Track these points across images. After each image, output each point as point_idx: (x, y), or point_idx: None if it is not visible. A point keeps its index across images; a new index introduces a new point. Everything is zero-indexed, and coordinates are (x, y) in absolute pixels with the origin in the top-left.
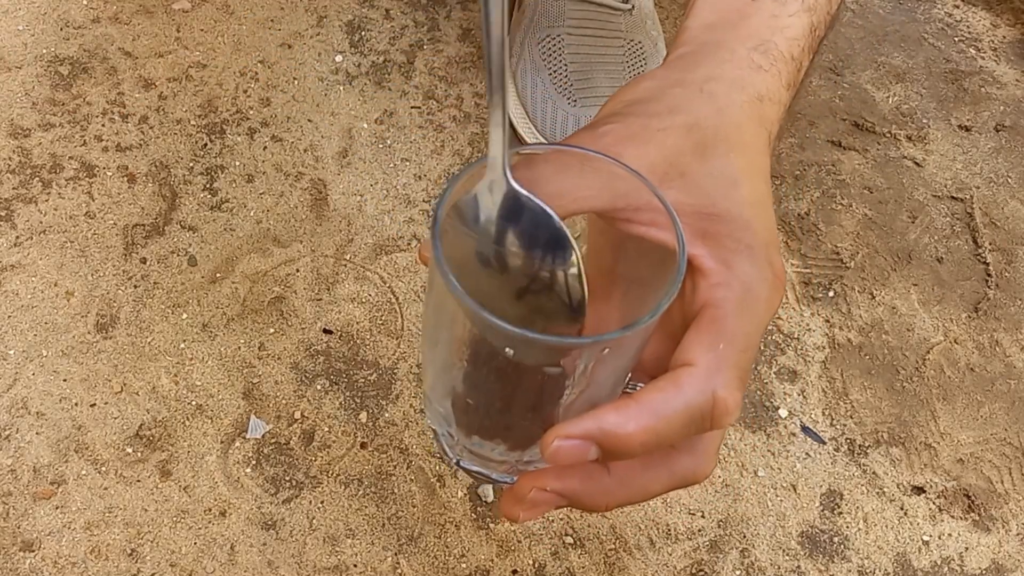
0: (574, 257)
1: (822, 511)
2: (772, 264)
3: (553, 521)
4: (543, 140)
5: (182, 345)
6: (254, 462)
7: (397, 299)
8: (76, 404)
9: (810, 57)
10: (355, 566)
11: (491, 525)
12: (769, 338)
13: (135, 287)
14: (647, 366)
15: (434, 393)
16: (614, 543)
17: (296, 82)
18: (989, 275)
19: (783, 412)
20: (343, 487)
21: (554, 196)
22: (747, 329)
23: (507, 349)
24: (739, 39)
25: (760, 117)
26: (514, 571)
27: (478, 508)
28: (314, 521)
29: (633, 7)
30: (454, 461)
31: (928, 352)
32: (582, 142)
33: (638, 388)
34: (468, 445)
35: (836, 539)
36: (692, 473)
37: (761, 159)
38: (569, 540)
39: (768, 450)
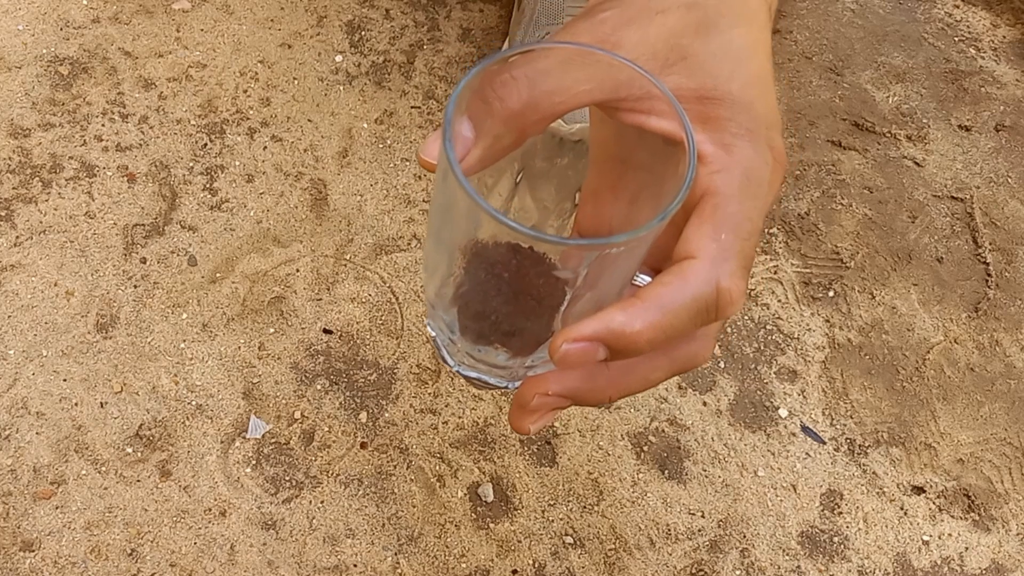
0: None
1: (822, 511)
2: (773, 146)
3: (553, 521)
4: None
5: (182, 345)
6: (254, 462)
7: (397, 299)
8: (76, 404)
9: None
10: (355, 566)
11: (491, 525)
12: (769, 338)
13: (135, 287)
14: (647, 257)
15: (438, 299)
16: (614, 543)
17: (296, 82)
18: (989, 275)
19: (783, 412)
20: (343, 487)
21: (554, 91)
22: (750, 215)
23: (513, 255)
24: None
25: None
26: (514, 571)
27: (478, 508)
28: (314, 521)
29: None
30: (453, 367)
31: (928, 352)
32: (579, 29)
33: (641, 282)
34: (470, 351)
35: (836, 539)
36: (691, 359)
37: (763, 34)
38: (569, 540)
39: (768, 450)
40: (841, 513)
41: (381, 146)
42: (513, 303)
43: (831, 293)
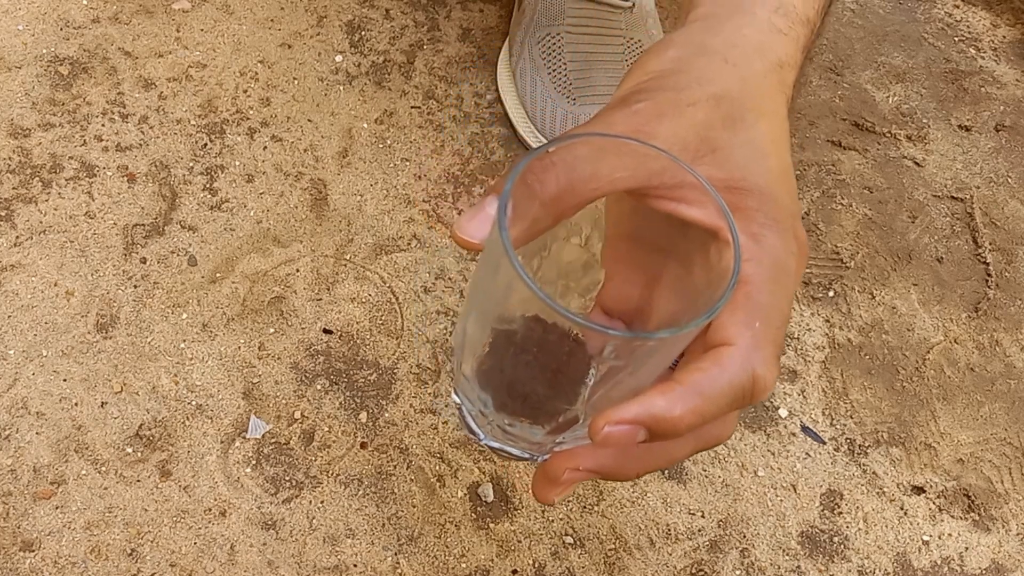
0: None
1: (822, 511)
2: (797, 235)
3: (553, 521)
4: (543, 139)
5: (182, 345)
6: (254, 462)
7: (397, 299)
8: (76, 404)
9: (822, 18)
10: (355, 566)
11: (491, 525)
12: None
13: (135, 287)
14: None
15: (475, 376)
16: (614, 543)
17: (296, 82)
18: (989, 275)
19: (783, 412)
20: (343, 487)
21: (590, 178)
22: (780, 304)
23: (560, 337)
24: (757, 1)
25: (780, 83)
26: (514, 571)
27: (478, 508)
28: (314, 521)
29: (634, 5)
30: (479, 438)
31: (928, 352)
32: (615, 119)
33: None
34: (503, 425)
35: (836, 539)
36: (716, 437)
37: (783, 126)
38: (569, 540)
39: (768, 450)
40: (841, 513)
41: (381, 146)
42: (553, 384)
43: (831, 293)
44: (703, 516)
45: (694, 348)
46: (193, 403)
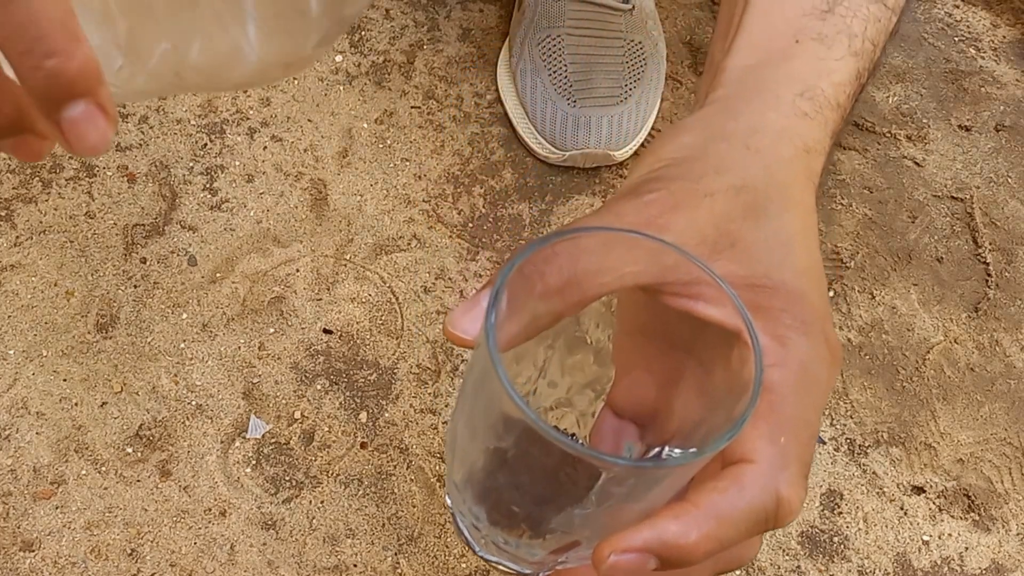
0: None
1: (822, 511)
2: (828, 340)
3: None
4: (543, 141)
5: (182, 345)
6: (254, 462)
7: (397, 299)
8: (76, 404)
9: (852, 104)
10: (355, 566)
11: None
12: None
13: (135, 287)
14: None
15: (466, 487)
16: None
17: (296, 82)
18: (989, 275)
19: None
20: (343, 487)
21: (598, 271)
22: (808, 416)
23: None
24: (783, 82)
25: (807, 170)
26: None
27: None
28: (314, 521)
29: (633, 7)
30: (474, 550)
31: (928, 352)
32: (625, 210)
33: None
34: (499, 543)
35: (836, 539)
36: (738, 560)
37: (811, 218)
38: None
39: None
40: (841, 513)
41: (381, 146)
42: (553, 503)
43: (831, 293)
44: None
45: (711, 463)
46: (193, 403)
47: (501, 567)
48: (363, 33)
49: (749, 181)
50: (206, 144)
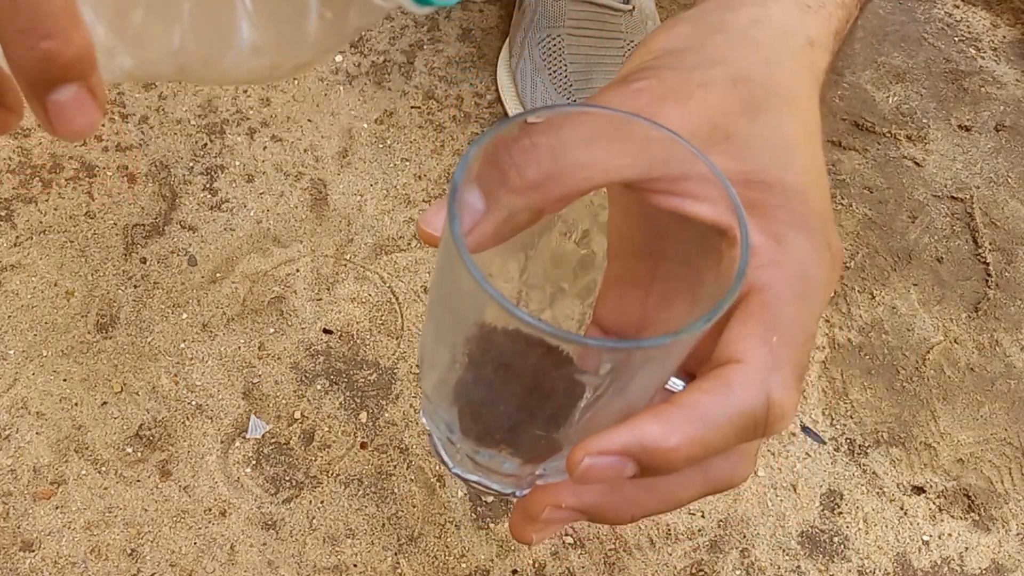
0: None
1: (822, 511)
2: (830, 242)
3: None
4: None
5: (182, 345)
6: (254, 462)
7: (397, 299)
8: (76, 404)
9: (859, 8)
10: (355, 566)
11: (491, 525)
12: None
13: (135, 287)
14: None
15: (437, 395)
16: (614, 543)
17: (296, 82)
18: (989, 275)
19: None
20: (343, 487)
21: (581, 165)
22: (803, 318)
23: (530, 353)
24: None
25: (811, 66)
26: (514, 571)
27: (478, 508)
28: (314, 521)
29: (634, 8)
30: (452, 469)
31: (928, 352)
32: (612, 100)
33: (674, 387)
34: (472, 455)
35: (836, 539)
36: (728, 478)
37: (815, 116)
38: (569, 540)
39: (768, 450)
40: (841, 513)
41: (381, 146)
42: (524, 404)
43: (831, 293)
44: (703, 516)
45: (700, 370)
46: (193, 403)
47: (480, 487)
48: (363, 33)
49: (747, 73)
50: (206, 144)
